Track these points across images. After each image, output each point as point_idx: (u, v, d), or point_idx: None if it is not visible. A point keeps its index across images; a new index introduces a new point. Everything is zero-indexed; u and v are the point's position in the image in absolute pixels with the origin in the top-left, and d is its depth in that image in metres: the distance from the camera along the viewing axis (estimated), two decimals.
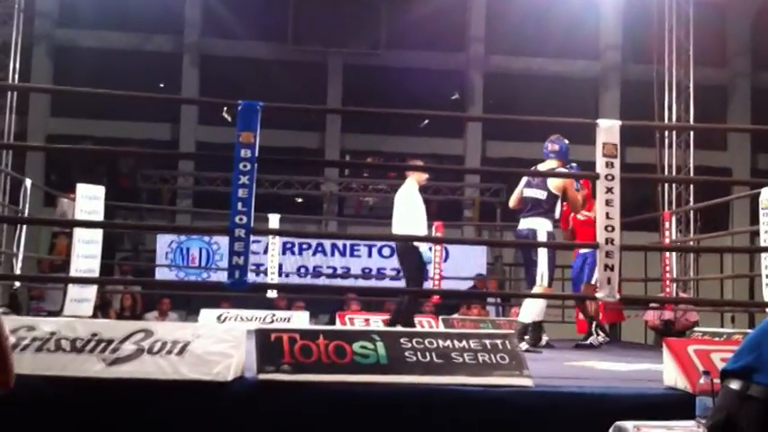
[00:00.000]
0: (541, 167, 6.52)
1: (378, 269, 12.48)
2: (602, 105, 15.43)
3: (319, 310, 10.47)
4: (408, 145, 15.09)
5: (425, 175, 7.27)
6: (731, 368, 2.14)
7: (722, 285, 13.14)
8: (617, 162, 4.46)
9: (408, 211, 6.90)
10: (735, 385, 2.06)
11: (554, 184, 6.29)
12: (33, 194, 8.16)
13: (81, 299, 6.97)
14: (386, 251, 12.35)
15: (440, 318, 8.68)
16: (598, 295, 4.41)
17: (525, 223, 6.36)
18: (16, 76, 10.90)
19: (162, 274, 11.89)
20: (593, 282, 6.82)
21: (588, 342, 7.18)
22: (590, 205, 6.92)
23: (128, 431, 3.18)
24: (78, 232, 6.96)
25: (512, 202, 6.65)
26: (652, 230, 10.51)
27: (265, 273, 9.23)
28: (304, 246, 12.22)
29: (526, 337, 6.14)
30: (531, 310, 6.26)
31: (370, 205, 16.02)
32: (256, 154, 4.30)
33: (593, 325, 7.29)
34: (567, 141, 6.50)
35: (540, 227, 6.25)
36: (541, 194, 6.32)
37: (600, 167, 4.46)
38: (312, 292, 10.38)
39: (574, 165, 6.57)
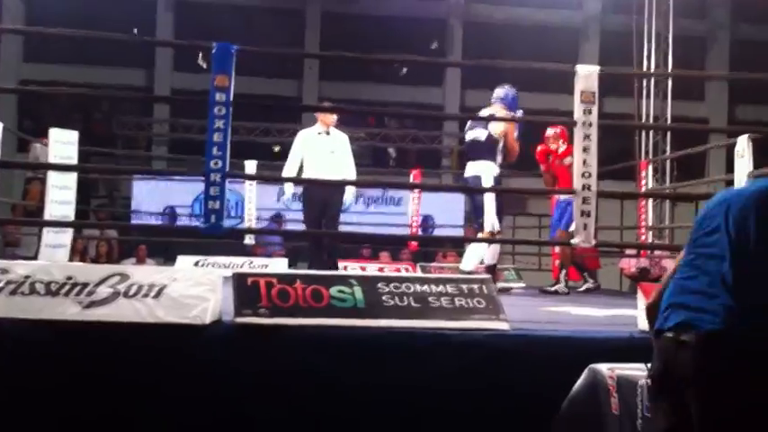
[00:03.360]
0: (485, 111, 6.45)
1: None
2: (582, 55, 15.37)
3: (298, 258, 10.47)
4: (387, 93, 15.01)
5: (331, 118, 6.95)
6: None
7: None
8: (595, 109, 4.45)
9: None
10: (670, 332, 2.11)
11: (495, 127, 6.22)
12: (6, 140, 8.01)
13: (56, 245, 6.90)
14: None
15: (417, 265, 8.73)
16: (574, 241, 4.43)
17: (471, 168, 6.30)
18: None
19: (138, 220, 11.79)
20: (570, 230, 6.84)
21: (554, 289, 7.17)
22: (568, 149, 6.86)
23: (104, 374, 3.17)
24: (52, 177, 6.86)
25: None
26: (628, 180, 10.58)
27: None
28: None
29: None
30: (472, 258, 6.23)
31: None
32: (231, 98, 4.25)
33: (563, 273, 7.33)
34: (515, 90, 6.48)
35: (485, 171, 6.16)
36: (482, 134, 6.25)
37: (578, 114, 4.46)
38: (290, 239, 10.34)
39: (520, 111, 6.51)
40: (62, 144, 7.02)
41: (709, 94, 15.96)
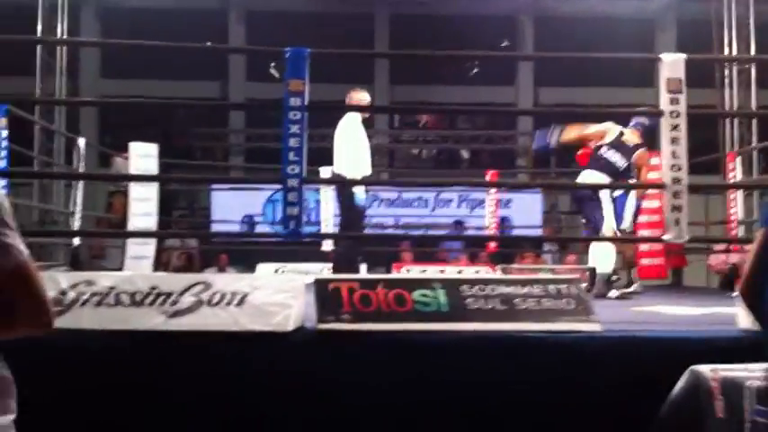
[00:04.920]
0: (627, 134, 6.37)
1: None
2: (658, 47, 14.89)
3: (375, 263, 10.43)
4: (458, 94, 14.87)
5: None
6: None
7: None
8: (682, 98, 4.28)
9: (348, 148, 6.58)
10: None
11: (639, 158, 6.26)
12: (88, 155, 8.22)
13: (140, 256, 7.04)
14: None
15: (497, 266, 8.59)
16: (666, 237, 4.26)
17: (591, 177, 6.22)
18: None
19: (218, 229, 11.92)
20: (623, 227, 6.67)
21: (632, 290, 6.99)
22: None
23: (189, 383, 3.17)
24: (134, 190, 7.01)
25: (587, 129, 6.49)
26: (710, 173, 10.22)
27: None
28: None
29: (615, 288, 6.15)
30: (606, 258, 6.14)
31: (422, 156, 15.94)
32: (306, 102, 4.23)
33: (633, 272, 7.14)
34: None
35: (606, 193, 6.16)
36: (622, 163, 6.25)
37: (664, 104, 4.29)
38: (368, 243, 10.28)
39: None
40: (142, 157, 7.16)
41: None
